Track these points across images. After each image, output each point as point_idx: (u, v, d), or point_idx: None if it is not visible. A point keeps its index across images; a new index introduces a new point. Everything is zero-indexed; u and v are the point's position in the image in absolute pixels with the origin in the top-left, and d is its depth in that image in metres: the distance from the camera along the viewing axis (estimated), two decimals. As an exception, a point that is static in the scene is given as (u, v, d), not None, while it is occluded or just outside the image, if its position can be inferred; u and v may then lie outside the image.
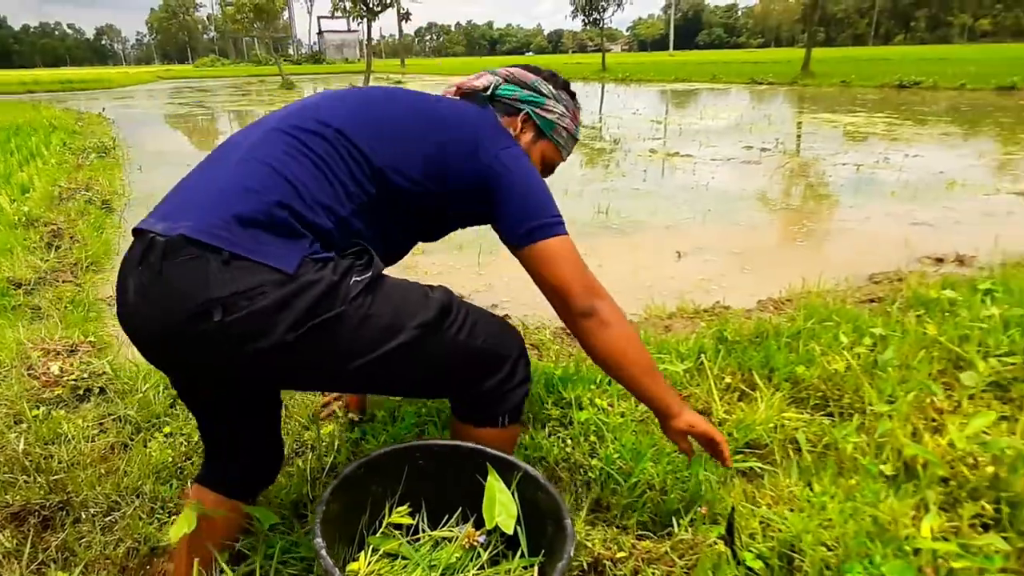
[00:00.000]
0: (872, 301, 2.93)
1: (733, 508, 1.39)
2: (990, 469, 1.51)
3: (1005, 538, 1.30)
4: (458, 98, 1.35)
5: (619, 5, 27.47)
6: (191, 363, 1.04)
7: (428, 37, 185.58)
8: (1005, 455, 1.51)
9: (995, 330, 2.24)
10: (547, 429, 1.79)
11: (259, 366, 1.01)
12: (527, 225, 1.16)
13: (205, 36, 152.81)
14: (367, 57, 16.81)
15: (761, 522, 1.40)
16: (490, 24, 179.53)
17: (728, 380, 2.06)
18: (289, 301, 0.97)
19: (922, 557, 1.21)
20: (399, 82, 29.47)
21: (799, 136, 9.66)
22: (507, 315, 3.07)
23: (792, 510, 1.42)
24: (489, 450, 1.15)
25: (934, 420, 1.81)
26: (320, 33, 56.92)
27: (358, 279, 1.04)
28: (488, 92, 1.34)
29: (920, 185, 5.82)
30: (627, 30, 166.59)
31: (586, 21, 28.39)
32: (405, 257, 1.38)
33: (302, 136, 1.10)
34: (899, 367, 2.04)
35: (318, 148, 1.09)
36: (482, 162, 1.17)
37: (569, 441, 1.72)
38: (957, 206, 5.04)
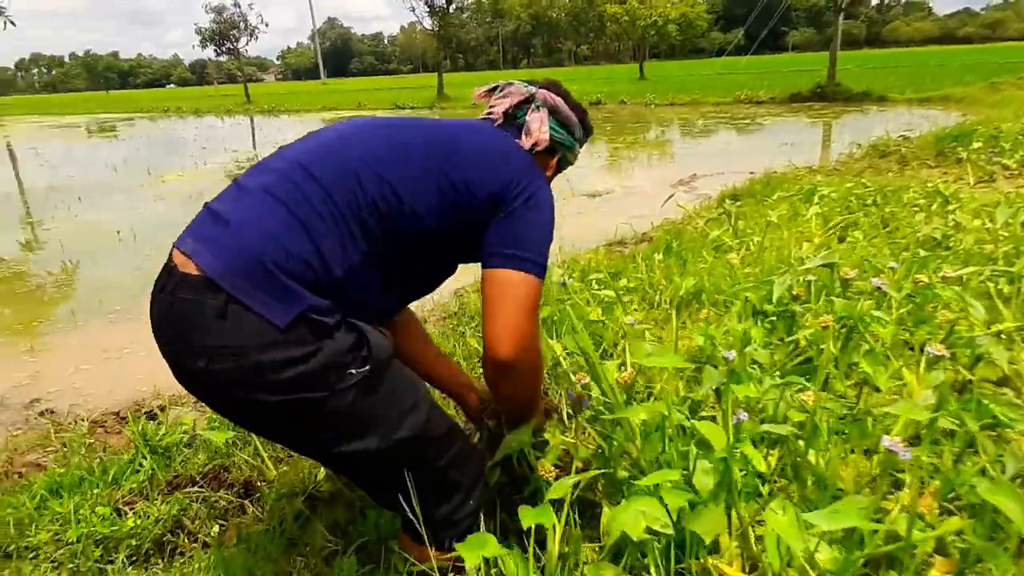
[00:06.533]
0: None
1: None
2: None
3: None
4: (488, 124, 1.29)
5: (252, 35, 26.42)
6: (198, 395, 1.10)
7: (36, 71, 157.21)
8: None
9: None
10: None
11: (244, 413, 1.06)
12: (509, 250, 1.12)
13: None
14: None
15: None
16: (115, 55, 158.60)
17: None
18: (272, 366, 0.97)
19: None
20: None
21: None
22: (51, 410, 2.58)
23: None
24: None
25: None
26: None
27: (353, 371, 1.03)
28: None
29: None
30: (278, 59, 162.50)
31: (218, 51, 26.74)
32: None
33: (321, 180, 1.07)
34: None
35: (337, 192, 1.07)
36: (501, 179, 1.15)
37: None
38: (541, 211, 5.77)
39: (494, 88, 1.34)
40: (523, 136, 1.27)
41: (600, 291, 2.94)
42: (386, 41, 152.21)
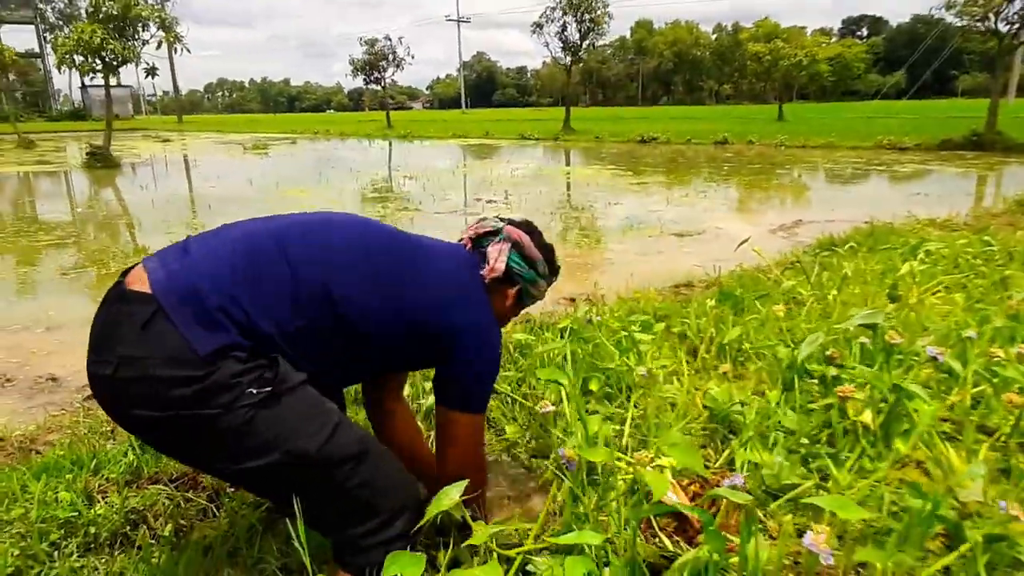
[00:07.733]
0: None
1: None
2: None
3: None
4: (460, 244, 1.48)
5: (398, 66, 28.15)
6: (104, 407, 1.12)
7: (220, 93, 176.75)
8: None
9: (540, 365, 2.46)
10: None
11: (135, 428, 1.12)
12: (461, 394, 1.34)
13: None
14: (107, 114, 15.33)
15: None
16: (287, 81, 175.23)
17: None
18: (173, 381, 1.01)
19: None
20: (167, 140, 27.51)
21: (563, 190, 10.37)
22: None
23: None
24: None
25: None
26: (83, 87, 51.08)
27: (253, 391, 1.05)
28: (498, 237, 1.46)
29: (605, 229, 6.44)
30: (427, 88, 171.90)
31: (367, 80, 28.71)
32: None
33: (288, 258, 1.17)
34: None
35: (299, 273, 1.16)
36: (456, 325, 1.30)
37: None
38: (622, 247, 5.61)
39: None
40: (485, 265, 1.42)
41: (628, 333, 2.77)
42: (528, 75, 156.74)
